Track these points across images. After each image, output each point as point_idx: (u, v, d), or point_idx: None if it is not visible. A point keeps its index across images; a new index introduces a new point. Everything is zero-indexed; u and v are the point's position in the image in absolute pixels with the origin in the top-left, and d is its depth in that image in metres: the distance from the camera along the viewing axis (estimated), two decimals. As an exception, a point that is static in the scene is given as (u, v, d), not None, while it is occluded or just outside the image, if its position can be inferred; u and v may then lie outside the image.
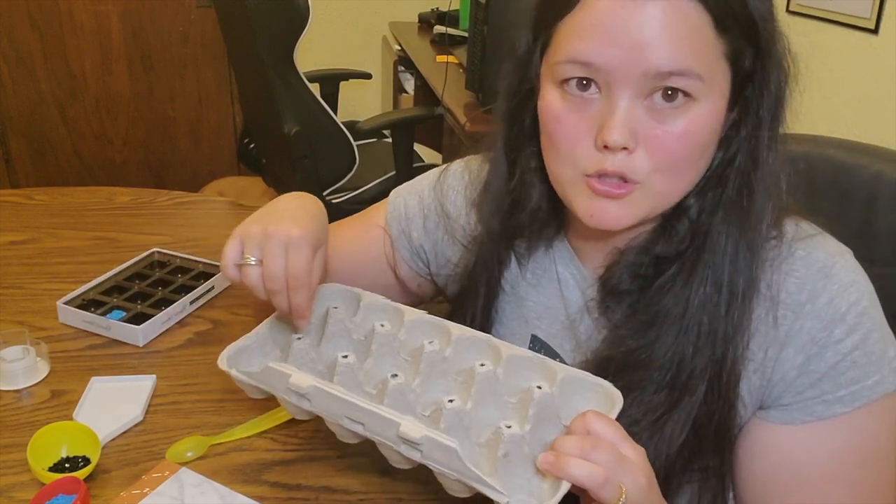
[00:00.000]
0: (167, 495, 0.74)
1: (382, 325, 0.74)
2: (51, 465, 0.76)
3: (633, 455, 0.59)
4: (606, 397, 0.65)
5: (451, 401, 0.63)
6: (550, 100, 0.67)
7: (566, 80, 0.65)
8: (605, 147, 0.64)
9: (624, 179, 0.65)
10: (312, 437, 0.83)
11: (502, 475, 0.61)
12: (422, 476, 0.63)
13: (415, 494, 0.76)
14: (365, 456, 0.73)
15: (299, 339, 0.72)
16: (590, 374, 0.67)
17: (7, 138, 3.01)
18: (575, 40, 0.63)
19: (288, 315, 0.73)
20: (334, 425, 0.67)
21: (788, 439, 0.69)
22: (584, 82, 0.64)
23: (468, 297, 0.83)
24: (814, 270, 0.68)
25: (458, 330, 0.73)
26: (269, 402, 0.74)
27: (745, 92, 0.67)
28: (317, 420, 0.70)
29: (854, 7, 1.63)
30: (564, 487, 0.57)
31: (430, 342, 0.71)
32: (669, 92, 0.62)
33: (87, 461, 0.76)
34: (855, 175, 0.89)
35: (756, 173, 0.67)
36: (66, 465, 0.76)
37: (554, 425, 0.65)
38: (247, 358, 0.74)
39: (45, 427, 0.77)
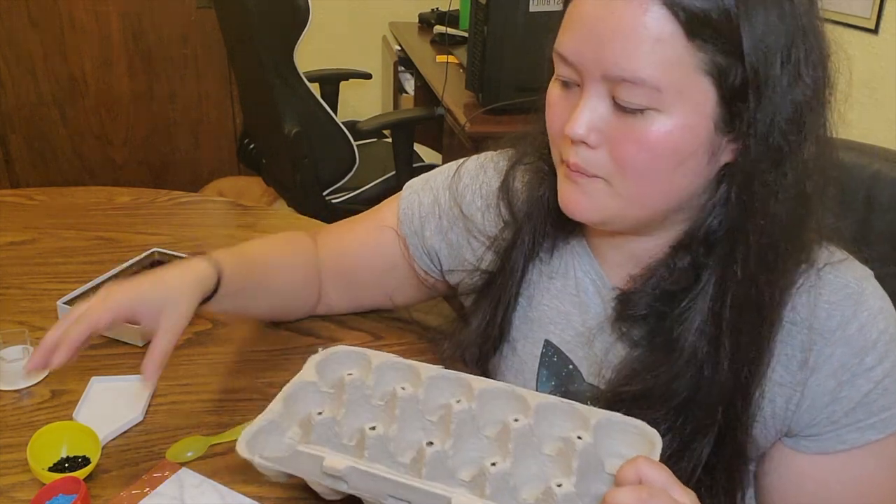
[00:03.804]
0: (167, 495, 0.74)
1: (403, 388, 0.70)
2: (51, 465, 0.76)
3: (685, 499, 0.58)
4: (645, 438, 0.64)
5: (493, 464, 0.61)
6: (551, 86, 0.69)
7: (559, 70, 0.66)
8: (571, 139, 0.64)
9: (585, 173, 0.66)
10: (312, 437, 0.83)
11: None
12: (422, 477, 0.63)
13: (414, 494, 0.77)
14: (364, 456, 0.73)
15: (320, 413, 0.69)
16: (622, 416, 0.65)
17: (7, 138, 3.01)
18: (562, 32, 0.65)
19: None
20: None
21: (822, 469, 0.69)
22: (567, 73, 0.65)
23: (494, 292, 0.82)
24: (843, 296, 0.67)
25: (479, 383, 0.71)
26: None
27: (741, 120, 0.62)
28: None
29: (854, 7, 1.63)
30: None
31: (458, 401, 0.68)
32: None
33: (87, 461, 0.76)
34: (853, 175, 0.89)
35: (761, 223, 0.63)
36: (66, 465, 0.76)
37: (599, 475, 0.63)
38: (264, 439, 0.70)
39: (45, 427, 0.77)
